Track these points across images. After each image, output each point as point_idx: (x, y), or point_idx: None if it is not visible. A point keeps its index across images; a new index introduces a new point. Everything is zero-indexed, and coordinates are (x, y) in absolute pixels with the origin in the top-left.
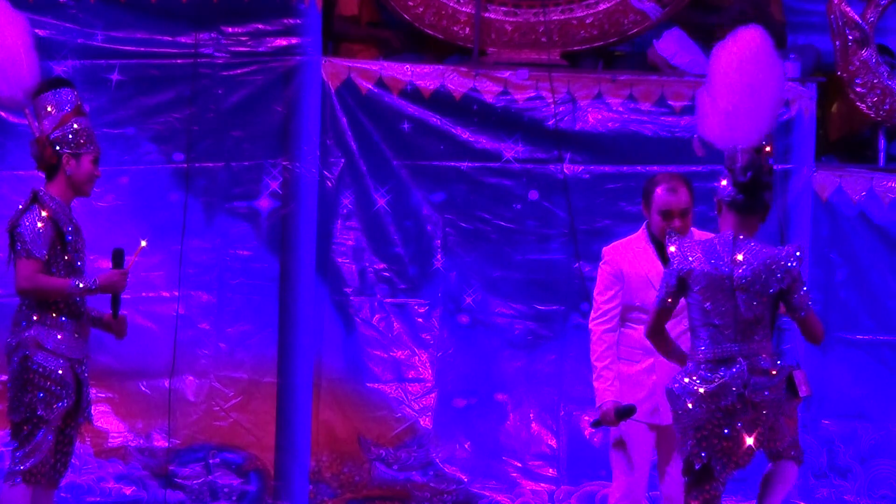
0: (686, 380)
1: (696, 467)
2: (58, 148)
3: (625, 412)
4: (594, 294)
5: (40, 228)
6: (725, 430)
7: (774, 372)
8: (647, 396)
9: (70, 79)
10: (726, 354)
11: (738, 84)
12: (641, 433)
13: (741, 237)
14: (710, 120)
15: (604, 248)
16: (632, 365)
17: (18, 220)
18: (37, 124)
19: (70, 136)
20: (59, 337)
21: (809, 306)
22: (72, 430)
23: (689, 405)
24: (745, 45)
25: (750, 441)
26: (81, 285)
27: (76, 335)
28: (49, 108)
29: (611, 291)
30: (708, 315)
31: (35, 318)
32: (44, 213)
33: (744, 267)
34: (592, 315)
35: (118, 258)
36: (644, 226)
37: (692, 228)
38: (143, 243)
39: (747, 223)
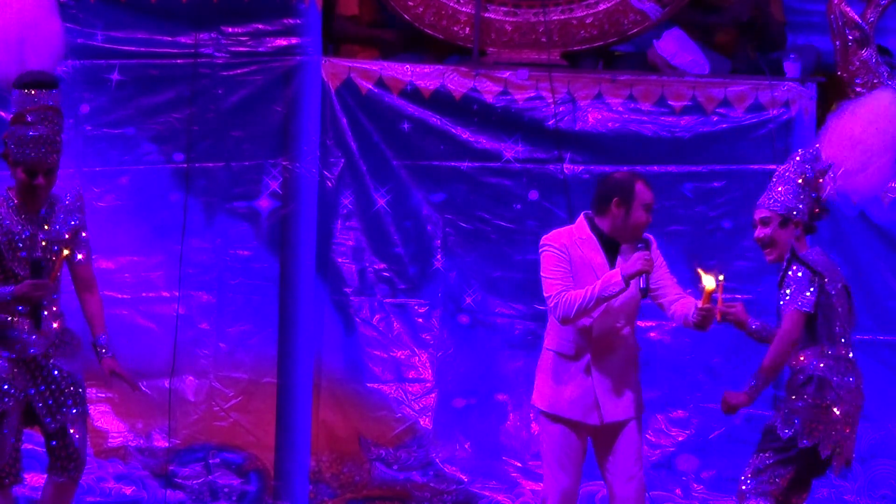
0: (832, 370)
1: (823, 456)
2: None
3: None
4: (544, 274)
5: None
6: (847, 429)
7: None
8: (581, 395)
9: (70, 79)
10: (849, 352)
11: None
12: (573, 432)
13: None
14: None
15: (544, 237)
16: (566, 360)
17: None
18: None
19: (6, 144)
20: (4, 335)
21: None
22: (75, 428)
23: (838, 395)
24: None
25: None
26: None
27: (27, 334)
28: (10, 107)
29: (563, 266)
30: (838, 316)
31: None
32: None
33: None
34: (550, 289)
35: (36, 268)
36: (583, 217)
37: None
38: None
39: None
